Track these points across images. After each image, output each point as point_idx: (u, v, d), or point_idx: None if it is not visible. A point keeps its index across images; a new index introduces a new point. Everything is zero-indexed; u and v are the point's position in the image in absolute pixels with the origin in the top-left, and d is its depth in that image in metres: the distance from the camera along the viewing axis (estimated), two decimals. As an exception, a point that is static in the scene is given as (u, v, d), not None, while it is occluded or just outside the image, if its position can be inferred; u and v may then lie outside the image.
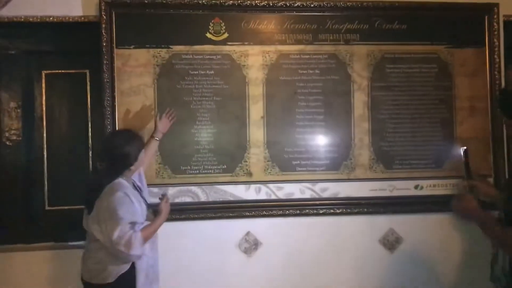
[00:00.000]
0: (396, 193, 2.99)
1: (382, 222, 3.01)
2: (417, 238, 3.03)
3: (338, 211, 2.94)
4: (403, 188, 3.00)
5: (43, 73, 3.04)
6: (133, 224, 2.15)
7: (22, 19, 2.82)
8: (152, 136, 2.68)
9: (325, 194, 2.94)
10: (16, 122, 2.97)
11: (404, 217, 3.00)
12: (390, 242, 3.01)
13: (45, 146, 3.03)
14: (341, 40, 2.97)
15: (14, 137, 2.96)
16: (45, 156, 3.03)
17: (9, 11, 2.81)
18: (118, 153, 2.23)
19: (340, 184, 2.95)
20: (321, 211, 2.93)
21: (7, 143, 2.96)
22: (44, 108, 3.04)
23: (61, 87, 3.06)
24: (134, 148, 2.26)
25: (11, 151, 2.96)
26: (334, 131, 2.96)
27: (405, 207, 2.99)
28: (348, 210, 2.95)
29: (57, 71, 3.06)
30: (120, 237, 2.09)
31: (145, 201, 2.38)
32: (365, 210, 2.96)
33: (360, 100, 2.97)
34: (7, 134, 2.96)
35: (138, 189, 2.39)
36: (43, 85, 3.04)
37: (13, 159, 2.96)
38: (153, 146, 2.69)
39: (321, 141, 2.96)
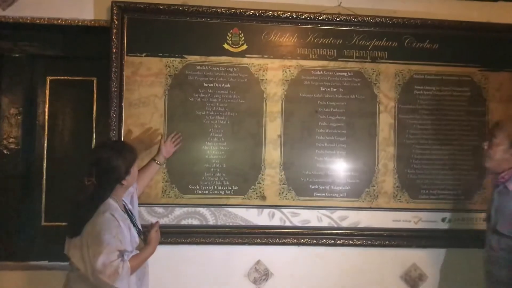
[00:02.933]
0: (421, 225, 2.75)
1: (405, 257, 2.78)
2: (442, 275, 2.78)
3: (357, 242, 2.71)
4: (429, 220, 2.76)
5: (48, 78, 2.89)
6: (121, 252, 1.88)
7: (28, 20, 2.63)
8: (153, 159, 2.47)
9: (344, 223, 2.72)
10: (15, 130, 2.79)
11: (429, 252, 2.77)
12: (413, 279, 2.77)
13: (45, 157, 2.86)
14: (368, 57, 2.77)
15: (13, 146, 2.78)
16: (45, 167, 2.86)
17: (15, 12, 2.63)
18: (106, 166, 1.96)
19: (361, 213, 2.73)
20: (339, 242, 2.71)
21: (5, 151, 2.77)
22: (46, 116, 2.88)
23: (66, 94, 2.90)
24: (123, 161, 1.99)
25: (8, 160, 2.77)
26: (357, 154, 2.75)
27: (430, 241, 2.76)
28: (369, 242, 2.72)
29: (62, 77, 2.91)
30: (105, 265, 1.82)
31: (137, 227, 2.13)
32: (387, 242, 2.73)
33: (385, 123, 2.76)
34: (5, 142, 2.77)
35: (129, 212, 2.14)
36: (47, 91, 2.89)
37: (9, 170, 2.77)
38: (152, 170, 2.46)
39: (342, 165, 2.74)
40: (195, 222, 2.65)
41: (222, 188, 2.67)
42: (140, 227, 2.17)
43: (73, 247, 1.93)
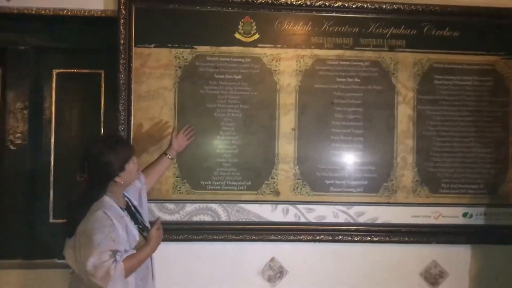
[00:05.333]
0: (441, 220, 2.64)
1: (425, 253, 2.67)
2: (463, 272, 2.68)
3: (375, 238, 2.61)
4: (450, 215, 2.65)
5: (54, 72, 2.80)
6: (114, 252, 1.76)
7: (33, 11, 2.54)
8: (164, 153, 2.36)
9: (362, 219, 2.62)
10: (22, 125, 2.71)
11: (449, 248, 2.66)
12: (433, 276, 2.67)
13: (52, 152, 2.78)
14: (385, 46, 2.65)
15: (19, 141, 2.70)
16: (52, 163, 2.78)
17: (19, 2, 2.54)
18: (97, 162, 1.85)
19: (378, 209, 2.62)
20: (356, 238, 2.60)
21: (11, 147, 2.69)
22: (53, 110, 2.80)
23: (73, 88, 2.82)
24: (117, 156, 1.87)
25: (15, 156, 2.69)
26: (374, 148, 2.63)
27: (451, 237, 2.64)
28: (387, 238, 2.62)
29: (69, 70, 2.82)
30: (95, 267, 1.71)
31: (141, 224, 2.02)
32: (406, 238, 2.63)
33: (404, 114, 2.65)
34: (11, 137, 2.69)
35: (134, 210, 2.04)
36: (54, 85, 2.80)
37: (16, 165, 2.70)
38: (163, 164, 2.35)
39: (359, 158, 2.63)
40: (207, 218, 2.56)
41: (235, 183, 2.57)
42: (147, 225, 2.07)
43: (68, 248, 1.85)
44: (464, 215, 2.66)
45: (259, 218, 2.58)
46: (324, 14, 2.63)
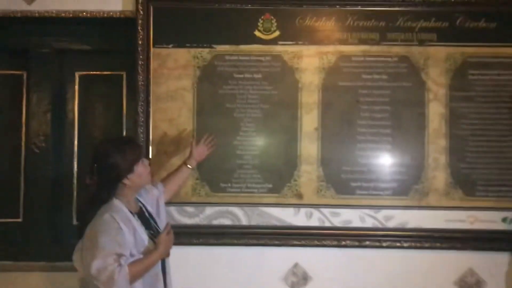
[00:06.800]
0: (478, 225, 2.47)
1: (460, 261, 2.50)
2: (503, 282, 2.49)
3: (405, 244, 2.47)
4: (487, 220, 2.47)
5: (77, 74, 2.80)
6: (119, 256, 1.71)
7: (54, 14, 2.55)
8: (184, 163, 2.30)
9: (390, 224, 2.48)
10: (45, 127, 2.71)
11: (487, 255, 2.48)
12: (469, 285, 2.50)
13: (75, 154, 2.78)
14: (415, 40, 2.51)
15: (43, 144, 2.70)
16: (75, 165, 2.78)
17: (41, 6, 2.56)
18: (105, 163, 1.82)
19: (408, 212, 2.48)
20: (384, 244, 2.47)
21: (35, 149, 2.70)
22: (76, 113, 2.80)
23: (96, 90, 2.82)
24: (124, 158, 1.83)
25: (38, 158, 2.69)
26: (403, 148, 2.49)
27: (489, 243, 2.46)
28: (418, 244, 2.47)
29: (91, 72, 2.81)
30: (99, 271, 1.66)
31: (155, 231, 1.95)
32: (439, 244, 2.47)
33: (436, 112, 2.49)
34: (35, 140, 2.70)
35: (148, 216, 1.99)
36: (76, 87, 2.80)
37: (40, 168, 2.69)
38: (183, 174, 2.29)
39: (387, 159, 2.50)
40: (227, 222, 2.49)
41: (255, 186, 2.50)
42: (159, 229, 2.01)
43: (76, 250, 1.83)
44: (504, 220, 2.47)
45: (281, 222, 2.49)
46: (348, 8, 2.51)
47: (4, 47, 2.76)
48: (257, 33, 2.52)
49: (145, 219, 1.95)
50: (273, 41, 2.52)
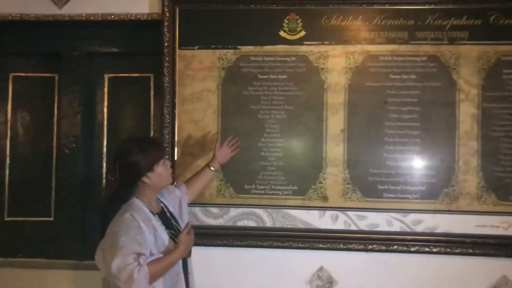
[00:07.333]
0: (512, 231, 2.37)
1: (493, 268, 2.40)
2: (540, 291, 2.38)
3: (434, 249, 2.39)
4: (523, 226, 2.37)
5: (106, 76, 2.85)
6: (138, 255, 1.71)
7: (83, 18, 2.60)
8: (207, 165, 2.31)
9: (419, 228, 2.40)
10: (75, 128, 2.77)
11: (522, 262, 2.38)
12: (503, 293, 2.40)
13: (104, 155, 2.84)
14: (445, 39, 2.42)
15: (73, 145, 2.76)
16: (104, 166, 2.82)
17: (71, 9, 2.61)
18: (126, 161, 1.86)
19: (438, 217, 2.40)
20: (412, 249, 2.40)
21: (65, 150, 2.76)
22: (105, 114, 2.85)
23: (124, 92, 2.86)
24: (145, 156, 1.86)
25: (68, 159, 2.76)
26: (433, 150, 2.42)
27: (524, 250, 2.36)
28: (448, 250, 2.39)
29: (120, 74, 2.85)
30: (119, 269, 1.67)
31: (176, 231, 1.97)
32: (470, 251, 2.38)
33: (467, 113, 2.40)
34: (65, 141, 2.76)
35: (170, 216, 2.00)
36: (105, 89, 2.85)
37: (70, 168, 2.76)
38: (206, 176, 2.31)
39: (415, 162, 2.42)
40: (252, 223, 2.48)
41: (280, 187, 2.47)
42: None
43: (98, 249, 1.86)
44: (541, 226, 2.37)
45: (305, 225, 2.45)
46: (375, 7, 2.45)
47: (37, 51, 2.83)
48: (282, 33, 2.49)
49: (166, 219, 1.96)
50: (299, 41, 2.48)
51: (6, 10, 2.64)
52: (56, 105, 2.82)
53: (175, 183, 2.32)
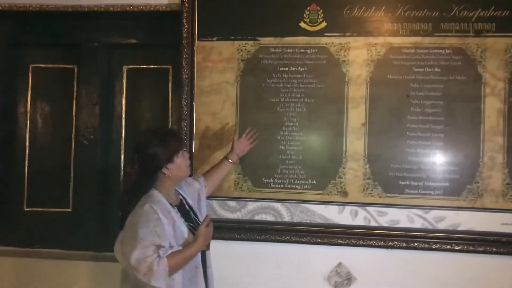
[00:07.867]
0: (539, 230, 2.30)
1: (517, 267, 2.34)
2: None
3: (457, 247, 2.33)
4: (550, 224, 2.29)
5: (125, 68, 2.85)
6: (158, 247, 1.71)
7: (102, 8, 2.59)
8: (226, 157, 2.30)
9: (441, 225, 2.34)
10: (93, 120, 2.77)
11: (549, 262, 2.30)
12: (528, 293, 2.33)
13: (122, 146, 2.84)
14: (471, 31, 2.35)
15: (91, 136, 2.77)
16: (122, 157, 2.82)
17: (90, 0, 2.60)
18: (146, 152, 1.85)
19: (461, 214, 2.33)
20: (434, 246, 2.34)
21: (84, 141, 2.77)
22: (124, 106, 2.85)
23: (143, 83, 2.86)
24: (164, 147, 1.85)
25: (87, 150, 2.77)
26: (457, 145, 2.35)
27: (551, 249, 2.28)
28: (471, 248, 2.32)
29: (139, 66, 2.85)
30: (138, 261, 1.66)
31: (194, 223, 1.95)
32: (494, 249, 2.31)
33: (493, 108, 2.32)
34: (84, 132, 2.77)
35: (189, 208, 1.99)
36: (124, 81, 2.85)
37: (88, 159, 2.77)
38: (224, 168, 2.30)
39: (438, 158, 2.36)
40: (269, 218, 2.45)
41: (298, 182, 2.43)
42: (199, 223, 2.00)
43: (118, 241, 1.85)
44: None
45: (324, 220, 2.41)
46: (399, -3, 2.39)
47: (56, 42, 2.84)
48: (302, 24, 2.45)
49: (185, 211, 1.95)
50: (319, 33, 2.43)
51: (26, 1, 2.64)
52: (75, 96, 2.83)
53: (193, 175, 2.31)
